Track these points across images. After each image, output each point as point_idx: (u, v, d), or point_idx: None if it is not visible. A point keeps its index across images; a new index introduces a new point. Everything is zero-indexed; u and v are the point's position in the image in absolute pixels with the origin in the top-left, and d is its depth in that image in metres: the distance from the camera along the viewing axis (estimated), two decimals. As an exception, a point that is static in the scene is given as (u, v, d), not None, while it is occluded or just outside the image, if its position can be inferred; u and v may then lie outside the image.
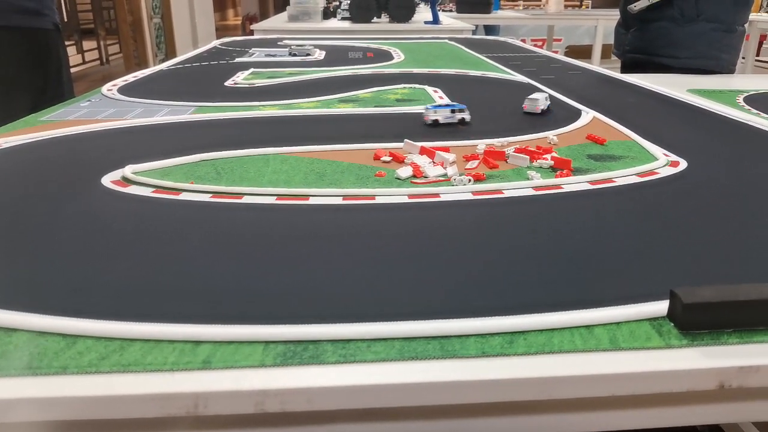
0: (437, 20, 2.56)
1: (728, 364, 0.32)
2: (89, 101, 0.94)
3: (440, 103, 0.92)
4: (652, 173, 0.60)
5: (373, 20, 2.54)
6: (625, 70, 1.50)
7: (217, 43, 1.81)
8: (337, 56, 1.50)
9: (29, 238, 0.45)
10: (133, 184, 0.56)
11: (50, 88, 1.31)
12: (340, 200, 0.53)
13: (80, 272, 0.40)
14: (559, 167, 0.61)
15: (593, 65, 1.38)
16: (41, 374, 0.30)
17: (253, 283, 0.38)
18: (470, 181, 0.57)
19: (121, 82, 1.10)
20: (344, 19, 2.65)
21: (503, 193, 0.55)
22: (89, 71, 5.30)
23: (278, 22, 2.63)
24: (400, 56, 1.49)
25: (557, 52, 5.42)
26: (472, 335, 0.33)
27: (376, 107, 0.91)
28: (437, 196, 0.54)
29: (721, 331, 0.34)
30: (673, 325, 0.35)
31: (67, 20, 5.26)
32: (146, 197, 0.53)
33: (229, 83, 1.11)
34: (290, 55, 1.49)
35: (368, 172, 0.61)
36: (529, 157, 0.63)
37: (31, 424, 0.30)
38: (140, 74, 1.19)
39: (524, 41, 4.94)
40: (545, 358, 0.32)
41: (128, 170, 0.59)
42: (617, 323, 0.35)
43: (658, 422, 0.35)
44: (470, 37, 2.19)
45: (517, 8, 4.95)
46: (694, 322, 0.34)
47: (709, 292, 0.34)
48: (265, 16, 9.08)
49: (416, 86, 1.08)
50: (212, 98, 0.96)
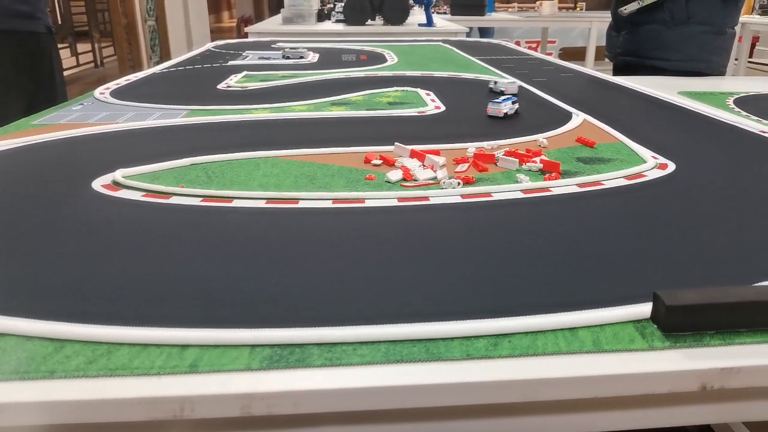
0: (431, 22, 2.57)
1: (710, 365, 0.32)
2: (82, 105, 0.94)
3: (498, 96, 0.97)
4: (640, 176, 0.61)
5: (367, 22, 2.55)
6: (617, 72, 1.50)
7: (210, 45, 1.81)
8: (330, 59, 1.50)
9: (18, 242, 0.45)
10: (123, 188, 0.56)
11: (42, 91, 1.31)
12: (329, 204, 0.53)
13: (69, 276, 0.40)
14: (548, 170, 0.62)
15: (586, 67, 1.39)
16: (29, 379, 0.30)
17: (240, 286, 0.39)
18: (459, 184, 0.57)
19: (113, 85, 1.10)
20: (338, 21, 2.65)
21: (492, 196, 0.55)
22: (83, 74, 5.29)
23: (273, 24, 2.64)
24: (393, 59, 1.49)
25: (551, 54, 5.43)
26: (457, 338, 0.34)
27: (368, 110, 0.91)
28: (427, 199, 0.54)
29: (703, 333, 0.35)
30: (656, 327, 0.35)
31: (61, 23, 5.25)
32: (136, 201, 0.54)
33: (221, 86, 1.11)
34: (284, 58, 1.49)
35: (359, 175, 0.61)
36: (518, 160, 0.63)
37: (19, 428, 0.30)
38: (133, 77, 1.19)
39: (518, 43, 4.97)
40: (529, 360, 0.32)
41: (119, 174, 0.59)
42: (601, 325, 0.35)
43: (641, 423, 0.35)
44: (464, 39, 2.19)
45: (511, 10, 4.96)
46: (676, 324, 0.34)
47: (691, 294, 0.35)
48: (260, 18, 9.07)
49: (409, 89, 1.08)
50: (204, 101, 0.96)
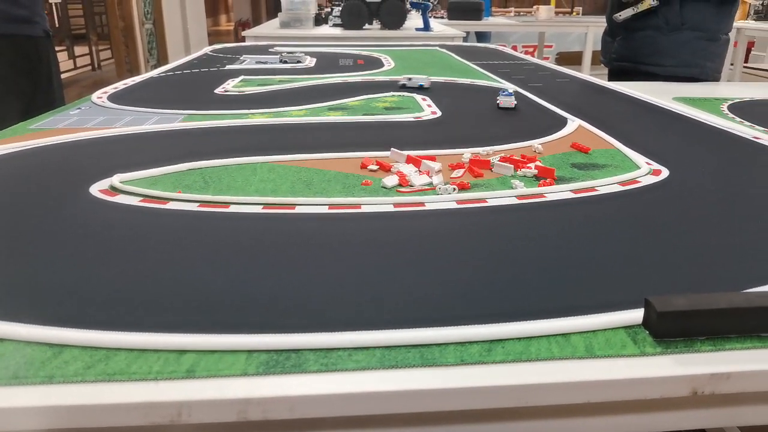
0: (428, 27, 2.58)
1: (701, 371, 0.33)
2: (79, 109, 0.95)
3: (505, 90, 1.05)
4: (633, 182, 0.61)
5: (364, 27, 2.56)
6: (612, 77, 1.51)
7: (208, 49, 1.81)
8: (327, 63, 1.51)
9: (16, 246, 0.46)
10: (121, 193, 0.57)
11: (40, 94, 1.31)
12: (326, 209, 0.54)
13: (67, 281, 0.40)
14: (542, 176, 0.62)
15: (583, 72, 1.40)
16: (28, 384, 0.31)
17: (237, 291, 0.39)
18: (455, 190, 0.58)
19: (111, 89, 1.10)
20: (336, 25, 2.66)
21: (487, 201, 0.56)
22: (81, 77, 5.29)
23: (270, 28, 2.64)
24: (390, 64, 1.50)
25: (548, 58, 5.46)
26: (451, 344, 0.34)
27: (364, 115, 0.92)
28: (422, 204, 0.55)
29: (694, 338, 0.35)
30: (647, 333, 0.35)
31: (58, 25, 5.25)
32: (134, 206, 0.54)
33: (219, 91, 1.11)
34: (281, 62, 1.50)
35: (355, 180, 0.62)
36: (513, 166, 0.64)
37: (17, 433, 0.30)
38: (130, 81, 1.19)
39: (515, 48, 4.99)
40: (523, 365, 0.33)
41: (116, 179, 0.59)
42: (593, 331, 0.36)
43: (634, 428, 0.36)
44: (461, 44, 2.20)
45: (508, 15, 4.98)
46: (668, 330, 0.35)
47: (682, 300, 0.35)
48: (257, 21, 9.09)
49: (405, 95, 1.09)
50: (202, 106, 0.97)
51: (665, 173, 0.64)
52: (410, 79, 1.14)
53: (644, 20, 1.38)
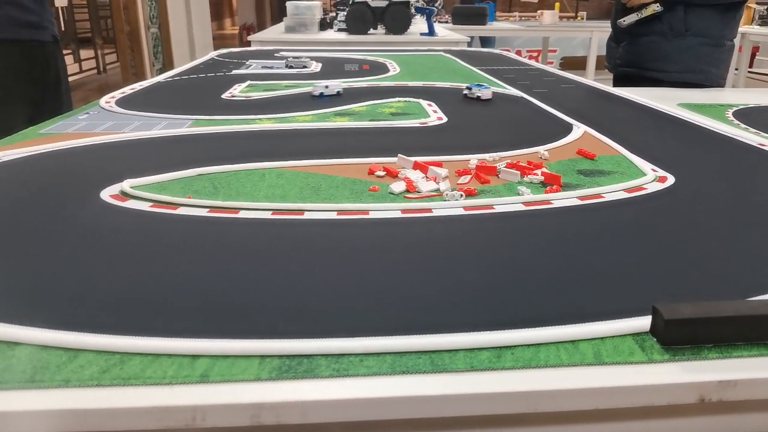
0: (433, 32, 2.59)
1: (708, 378, 0.33)
2: (88, 114, 0.96)
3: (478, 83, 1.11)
4: (640, 189, 0.62)
5: (369, 32, 2.57)
6: (616, 83, 1.52)
7: (214, 54, 1.83)
8: (333, 68, 1.52)
9: (29, 251, 0.46)
10: (131, 198, 0.57)
11: (48, 99, 1.32)
12: (334, 215, 0.54)
13: (80, 286, 0.41)
14: (549, 183, 0.63)
15: (587, 77, 1.40)
16: (44, 387, 0.31)
17: (249, 297, 0.39)
18: (462, 196, 0.58)
19: (119, 94, 1.11)
20: (341, 30, 2.67)
21: (494, 208, 0.56)
22: (86, 80, 5.32)
23: (275, 33, 2.66)
24: (395, 69, 1.51)
25: (552, 63, 5.46)
26: (461, 350, 0.34)
27: (371, 121, 0.92)
28: (429, 211, 0.55)
29: (701, 346, 0.35)
30: (655, 340, 0.36)
31: (64, 29, 5.28)
32: (145, 212, 0.54)
33: (226, 96, 1.12)
34: (287, 67, 1.50)
35: (363, 186, 0.62)
36: (519, 172, 0.64)
37: (33, 436, 0.31)
38: (138, 86, 1.20)
39: (519, 53, 5.00)
40: (532, 372, 0.33)
41: (126, 185, 0.60)
42: (602, 338, 0.36)
43: (641, 434, 0.36)
44: (465, 49, 2.21)
45: (512, 20, 4.99)
46: (675, 337, 0.35)
47: (689, 308, 0.36)
48: (262, 25, 9.12)
49: (411, 100, 1.10)
50: (209, 111, 0.98)
51: (671, 180, 0.65)
52: (327, 86, 1.12)
53: (649, 26, 1.38)
